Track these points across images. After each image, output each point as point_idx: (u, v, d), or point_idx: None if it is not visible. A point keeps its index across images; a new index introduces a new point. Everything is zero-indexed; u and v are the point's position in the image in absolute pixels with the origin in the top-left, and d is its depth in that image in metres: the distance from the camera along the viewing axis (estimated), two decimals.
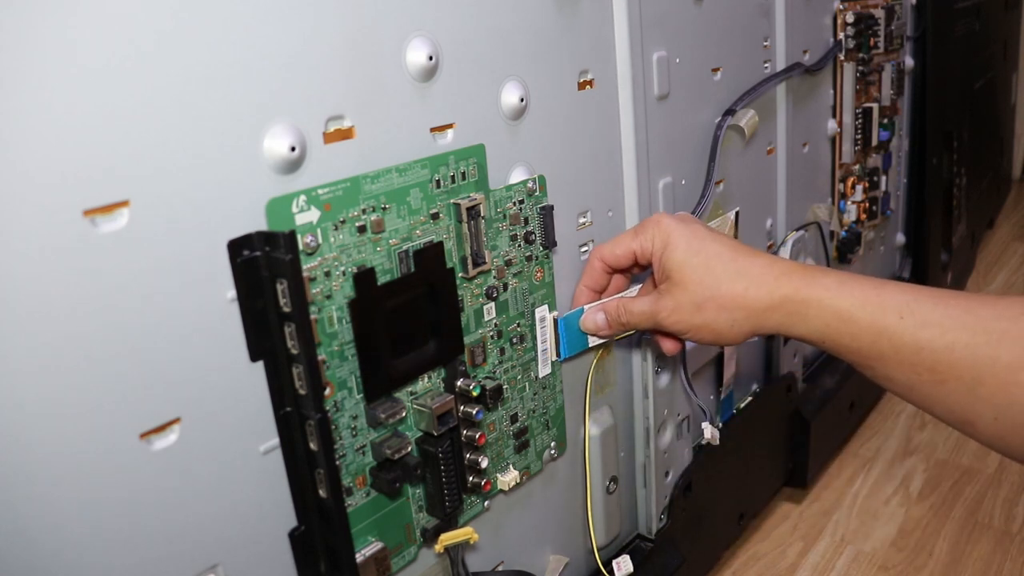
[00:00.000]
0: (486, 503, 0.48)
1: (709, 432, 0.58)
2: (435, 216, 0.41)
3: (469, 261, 0.43)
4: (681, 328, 0.47)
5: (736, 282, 0.45)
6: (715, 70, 0.63)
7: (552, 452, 0.52)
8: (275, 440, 0.36)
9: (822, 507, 0.81)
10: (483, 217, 0.43)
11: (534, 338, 0.49)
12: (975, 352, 0.37)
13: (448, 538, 0.44)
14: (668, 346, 0.51)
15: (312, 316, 0.36)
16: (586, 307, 0.50)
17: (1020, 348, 0.36)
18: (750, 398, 0.76)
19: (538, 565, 0.53)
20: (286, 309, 0.34)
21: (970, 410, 0.38)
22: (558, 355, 0.50)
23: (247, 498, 0.36)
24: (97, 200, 0.29)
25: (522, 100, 0.45)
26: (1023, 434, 0.37)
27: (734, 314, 0.45)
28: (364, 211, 0.38)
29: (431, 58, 0.40)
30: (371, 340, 0.38)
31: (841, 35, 0.83)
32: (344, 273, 0.37)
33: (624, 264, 0.50)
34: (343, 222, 0.37)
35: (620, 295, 0.51)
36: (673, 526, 0.61)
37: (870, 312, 0.41)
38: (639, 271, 0.52)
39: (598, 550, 0.54)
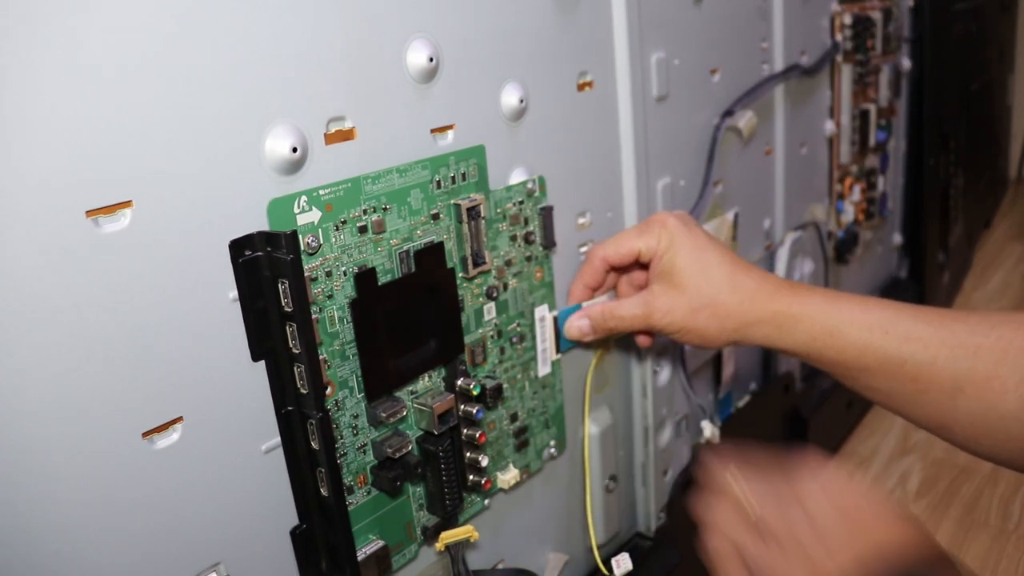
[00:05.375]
0: (486, 501, 0.48)
1: (709, 431, 0.59)
2: (435, 216, 0.41)
3: (469, 261, 0.43)
4: (672, 329, 0.48)
5: (733, 294, 0.47)
6: (714, 71, 0.63)
7: (552, 451, 0.52)
8: (276, 439, 0.36)
9: None
10: (483, 217, 0.43)
11: (534, 337, 0.49)
12: (955, 364, 0.41)
13: (448, 536, 0.44)
14: (643, 339, 0.53)
15: (313, 316, 0.36)
16: (584, 304, 0.51)
17: (993, 359, 0.40)
18: (748, 397, 0.76)
19: (538, 563, 0.53)
20: (287, 309, 0.34)
21: (949, 416, 0.42)
22: (558, 349, 0.51)
23: (249, 497, 0.36)
24: (100, 200, 0.29)
25: (522, 101, 0.46)
26: (996, 436, 0.41)
27: (725, 323, 0.47)
28: (365, 211, 0.38)
29: (431, 59, 0.40)
30: (372, 339, 0.39)
31: (839, 37, 0.83)
32: (345, 273, 0.38)
33: (626, 262, 0.50)
34: (344, 222, 0.37)
35: (601, 300, 0.51)
36: (672, 524, 0.62)
37: (857, 328, 0.44)
38: (638, 270, 0.52)
39: (597, 548, 0.55)
